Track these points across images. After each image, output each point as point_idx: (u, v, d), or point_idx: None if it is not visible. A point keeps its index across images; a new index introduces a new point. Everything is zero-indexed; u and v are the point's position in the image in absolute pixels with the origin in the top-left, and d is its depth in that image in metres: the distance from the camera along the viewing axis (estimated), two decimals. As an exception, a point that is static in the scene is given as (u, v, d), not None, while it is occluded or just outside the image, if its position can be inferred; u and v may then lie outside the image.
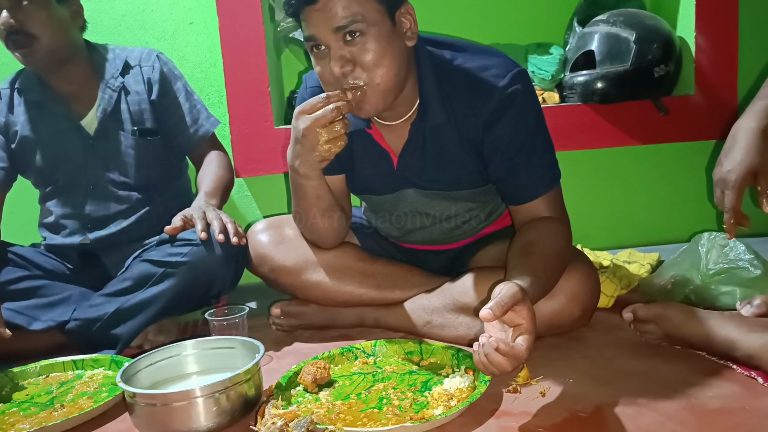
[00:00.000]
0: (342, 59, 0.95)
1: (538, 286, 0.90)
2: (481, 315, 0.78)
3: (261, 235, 1.28)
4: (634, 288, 1.39)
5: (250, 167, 1.66)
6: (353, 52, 0.95)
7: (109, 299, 1.23)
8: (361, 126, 1.11)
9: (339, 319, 1.28)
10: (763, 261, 1.22)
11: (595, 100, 1.62)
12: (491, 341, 0.78)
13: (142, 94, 1.42)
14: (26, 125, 1.40)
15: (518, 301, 0.80)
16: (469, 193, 1.16)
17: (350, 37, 0.94)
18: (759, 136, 1.01)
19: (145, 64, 1.44)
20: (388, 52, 0.96)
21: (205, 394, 0.86)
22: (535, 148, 1.05)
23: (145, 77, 1.42)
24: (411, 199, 1.18)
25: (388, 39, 0.96)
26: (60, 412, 0.97)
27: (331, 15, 0.93)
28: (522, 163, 1.05)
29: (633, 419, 0.83)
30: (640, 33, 1.58)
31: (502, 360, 0.78)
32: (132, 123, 1.41)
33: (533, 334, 0.81)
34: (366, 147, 1.14)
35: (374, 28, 0.94)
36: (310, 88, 1.16)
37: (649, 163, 1.85)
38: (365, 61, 0.95)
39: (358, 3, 0.93)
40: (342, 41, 0.94)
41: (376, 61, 0.95)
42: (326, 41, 0.95)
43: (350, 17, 0.93)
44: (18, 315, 1.22)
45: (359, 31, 0.94)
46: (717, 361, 0.98)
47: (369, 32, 0.94)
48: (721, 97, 1.68)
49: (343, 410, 0.89)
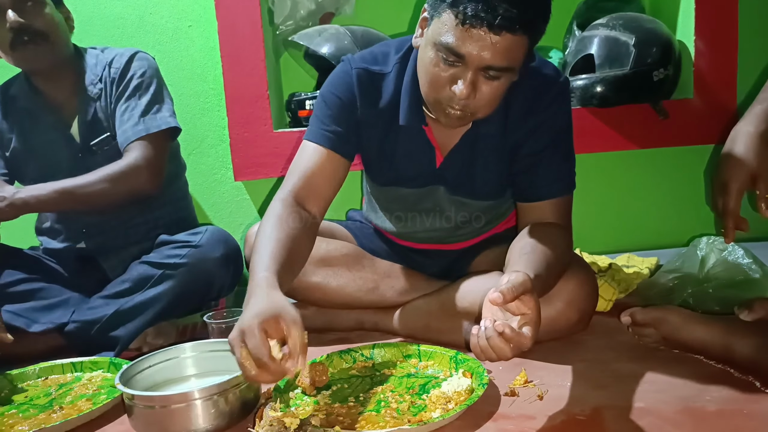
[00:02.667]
0: (472, 87, 0.92)
1: (539, 282, 0.90)
2: (490, 297, 0.77)
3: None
4: (633, 292, 1.39)
5: (248, 170, 1.65)
6: (483, 90, 0.93)
7: (108, 301, 1.23)
8: (417, 122, 1.09)
9: (338, 322, 1.28)
10: (761, 265, 1.22)
11: (594, 103, 1.62)
12: (497, 324, 0.76)
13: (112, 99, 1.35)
14: (18, 133, 1.38)
15: (527, 290, 0.80)
16: (490, 205, 1.19)
17: (491, 76, 0.92)
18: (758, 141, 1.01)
19: (115, 65, 1.36)
20: (503, 92, 0.96)
21: (203, 396, 0.86)
22: (559, 149, 1.08)
23: (111, 80, 1.36)
24: (438, 198, 1.18)
25: (510, 83, 0.96)
26: (59, 414, 0.98)
27: (495, 51, 0.88)
28: (544, 159, 1.07)
29: (631, 422, 0.83)
30: (640, 37, 1.58)
31: (504, 346, 0.77)
32: (110, 129, 1.35)
33: (539, 325, 0.80)
34: (413, 140, 1.12)
35: (510, 75, 0.94)
36: (355, 69, 1.09)
37: (648, 166, 1.85)
38: (486, 98, 0.94)
39: (518, 52, 0.90)
40: (484, 75, 0.92)
41: (493, 101, 0.95)
42: (472, 66, 0.90)
43: (506, 65, 0.90)
44: (17, 317, 1.22)
45: (502, 76, 0.93)
46: (715, 364, 0.98)
47: (504, 77, 0.93)
48: (721, 100, 1.68)
49: (341, 413, 0.89)
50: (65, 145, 1.36)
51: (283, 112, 1.79)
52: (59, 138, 1.36)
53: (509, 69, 0.92)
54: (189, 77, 1.75)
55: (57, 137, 1.36)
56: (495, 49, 0.88)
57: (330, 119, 1.10)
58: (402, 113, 1.08)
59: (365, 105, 1.10)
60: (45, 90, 1.36)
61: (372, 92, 1.10)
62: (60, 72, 1.34)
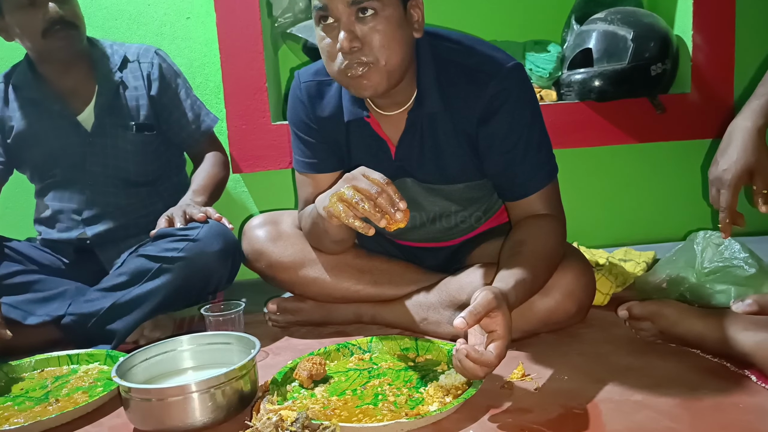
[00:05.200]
0: (351, 35, 0.95)
1: (523, 287, 0.92)
2: (455, 323, 0.80)
3: (258, 230, 1.28)
4: (630, 286, 1.39)
5: (246, 163, 1.65)
6: (364, 30, 0.95)
7: (105, 294, 1.23)
8: (359, 115, 1.10)
9: (335, 315, 1.28)
10: (757, 259, 1.22)
11: (592, 97, 1.62)
12: (461, 348, 0.81)
13: (140, 90, 1.41)
14: (22, 120, 1.39)
15: (492, 308, 0.82)
16: (465, 187, 1.16)
17: (363, 15, 0.94)
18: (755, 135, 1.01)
19: (144, 60, 1.44)
20: (396, 36, 0.97)
21: (200, 389, 0.86)
22: (531, 142, 1.05)
23: (144, 73, 1.42)
24: (410, 189, 1.17)
25: (398, 24, 0.97)
26: (55, 407, 0.97)
27: None
28: (517, 158, 1.05)
29: (627, 416, 0.83)
30: (638, 31, 1.58)
31: (473, 366, 0.81)
32: (130, 118, 1.40)
33: (506, 341, 0.82)
34: (364, 136, 1.13)
35: (387, 10, 0.95)
36: (303, 83, 1.16)
37: (645, 161, 1.85)
38: (374, 41, 0.95)
39: None
40: (354, 17, 0.95)
41: (384, 42, 0.96)
42: (338, 15, 0.95)
43: None
44: (13, 309, 1.21)
45: (373, 10, 0.94)
46: (711, 358, 0.98)
47: (382, 13, 0.95)
48: (718, 95, 1.68)
49: (339, 406, 0.89)
50: (71, 132, 1.38)
51: (281, 104, 1.79)
52: (66, 124, 1.38)
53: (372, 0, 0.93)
54: (187, 69, 1.73)
55: (64, 124, 1.38)
56: None
57: (303, 143, 1.19)
58: (345, 110, 1.11)
59: (318, 115, 1.15)
60: (54, 78, 1.38)
61: (321, 101, 1.14)
62: (77, 60, 1.37)
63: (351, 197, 0.93)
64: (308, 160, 1.19)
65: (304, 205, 1.21)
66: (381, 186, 0.93)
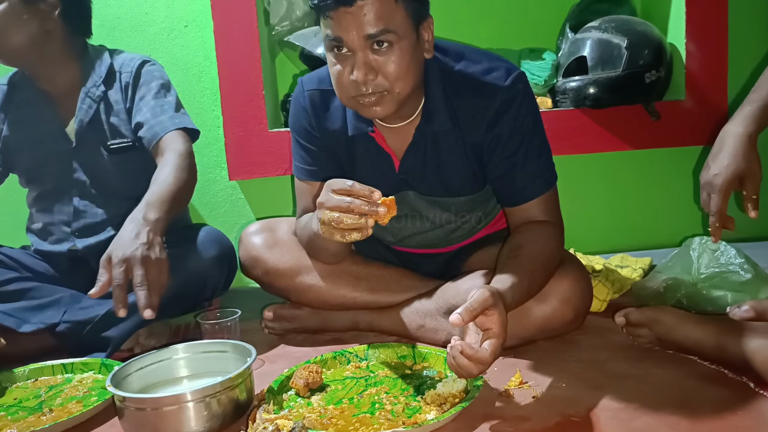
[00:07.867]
0: (367, 66, 0.95)
1: (520, 289, 0.92)
2: (451, 319, 0.81)
3: (254, 237, 1.27)
4: (627, 292, 1.39)
5: (243, 170, 1.65)
6: (379, 62, 0.95)
7: (99, 302, 1.21)
8: (363, 130, 1.10)
9: (332, 322, 1.27)
10: (753, 265, 1.22)
11: (587, 105, 1.63)
12: (456, 344, 0.81)
13: (119, 104, 1.35)
14: (12, 125, 1.37)
15: (489, 306, 0.82)
16: (467, 200, 1.17)
17: (378, 47, 0.94)
18: (746, 141, 1.02)
19: (125, 70, 1.36)
20: (411, 64, 0.97)
21: (196, 398, 0.85)
22: (532, 148, 1.07)
23: (123, 84, 1.36)
24: (411, 201, 1.18)
25: (412, 51, 0.97)
26: (48, 417, 0.96)
27: (364, 21, 0.92)
28: (518, 163, 1.06)
29: (625, 423, 0.83)
30: (632, 39, 1.59)
31: (467, 363, 0.81)
32: (110, 136, 1.35)
33: (501, 339, 0.83)
34: (368, 149, 1.13)
35: (403, 41, 0.95)
36: (307, 92, 1.15)
37: (640, 167, 1.86)
38: (389, 72, 0.95)
39: (392, 14, 0.93)
40: (369, 49, 0.94)
41: (399, 73, 0.96)
42: (353, 46, 0.94)
43: (383, 27, 0.93)
44: (7, 317, 1.20)
45: (388, 42, 0.94)
46: (708, 365, 0.98)
47: (397, 45, 0.95)
48: (712, 102, 1.70)
49: (335, 415, 0.89)
50: (59, 142, 1.36)
51: (278, 111, 1.79)
52: (54, 134, 1.36)
53: (389, 31, 0.93)
54: (185, 77, 1.74)
55: (51, 133, 1.36)
56: (359, 19, 0.92)
57: (304, 150, 1.18)
58: (349, 124, 1.11)
59: (321, 125, 1.14)
60: (46, 87, 1.35)
61: (325, 111, 1.14)
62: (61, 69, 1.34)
63: (330, 219, 0.89)
64: (309, 168, 1.18)
65: (303, 213, 1.21)
66: (348, 192, 0.89)
